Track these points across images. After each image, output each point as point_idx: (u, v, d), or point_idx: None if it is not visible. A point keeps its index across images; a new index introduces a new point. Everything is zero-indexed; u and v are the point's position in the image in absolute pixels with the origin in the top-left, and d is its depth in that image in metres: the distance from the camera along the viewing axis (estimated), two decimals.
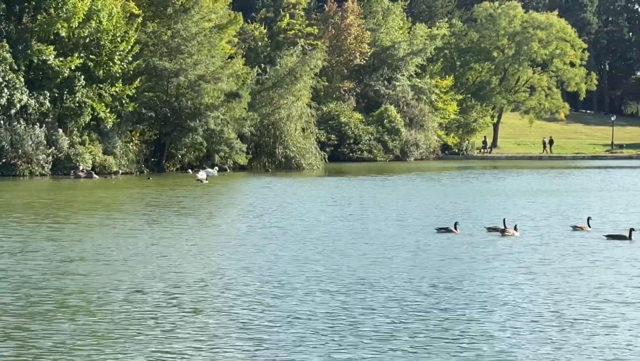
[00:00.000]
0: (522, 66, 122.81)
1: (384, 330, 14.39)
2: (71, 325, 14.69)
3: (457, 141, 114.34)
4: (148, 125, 69.35)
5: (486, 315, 15.58)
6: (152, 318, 15.21)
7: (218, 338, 13.92)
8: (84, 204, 39.52)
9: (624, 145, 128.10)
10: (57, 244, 24.72)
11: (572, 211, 35.76)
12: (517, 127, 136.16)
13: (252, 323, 14.90)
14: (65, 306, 16.21)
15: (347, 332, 14.21)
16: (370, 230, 28.66)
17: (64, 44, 61.49)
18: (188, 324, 14.83)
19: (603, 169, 79.80)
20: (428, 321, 15.01)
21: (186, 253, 23.33)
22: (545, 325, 14.87)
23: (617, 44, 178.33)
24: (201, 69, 68.43)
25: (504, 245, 25.21)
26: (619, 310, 16.09)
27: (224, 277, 19.52)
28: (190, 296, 17.25)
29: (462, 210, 36.26)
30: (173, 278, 19.26)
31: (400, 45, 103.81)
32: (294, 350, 13.14)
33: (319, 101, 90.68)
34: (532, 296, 17.32)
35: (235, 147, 70.61)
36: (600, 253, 23.77)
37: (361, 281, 18.91)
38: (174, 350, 13.12)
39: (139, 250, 23.66)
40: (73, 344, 13.48)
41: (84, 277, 19.46)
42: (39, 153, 59.21)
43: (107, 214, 34.02)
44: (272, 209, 36.46)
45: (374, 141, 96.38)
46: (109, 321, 15.00)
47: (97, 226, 29.84)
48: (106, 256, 22.55)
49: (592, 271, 20.60)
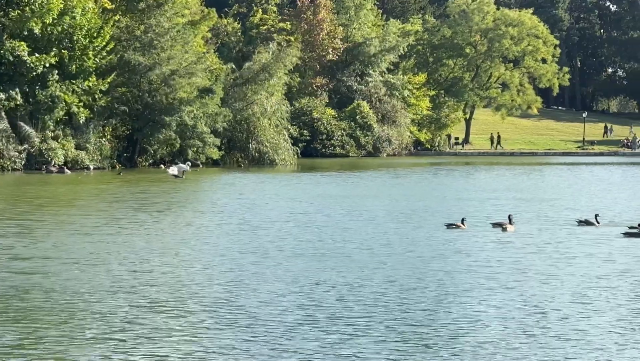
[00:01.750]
0: (494, 63, 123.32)
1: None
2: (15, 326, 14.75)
3: (430, 136, 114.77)
4: (121, 120, 69.31)
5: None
6: (101, 317, 15.31)
7: (176, 336, 14.09)
8: (38, 199, 38.97)
9: (595, 141, 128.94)
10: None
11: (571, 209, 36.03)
12: (489, 124, 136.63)
13: (205, 321, 15.08)
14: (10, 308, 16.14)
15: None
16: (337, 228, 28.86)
17: (37, 39, 61.33)
18: (139, 321, 14.98)
19: (589, 165, 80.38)
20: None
21: (140, 250, 23.18)
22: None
23: (588, 40, 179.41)
24: (174, 64, 68.43)
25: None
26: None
27: (176, 275, 19.63)
28: (143, 295, 17.25)
29: (429, 207, 36.52)
30: (124, 277, 19.23)
31: (372, 42, 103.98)
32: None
33: (291, 97, 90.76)
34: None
35: (208, 142, 70.67)
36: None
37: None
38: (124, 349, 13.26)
39: (84, 248, 23.55)
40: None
41: (29, 276, 19.37)
42: (10, 148, 59.06)
43: (57, 210, 33.73)
44: (235, 206, 36.44)
45: (346, 136, 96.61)
46: (54, 322, 15.05)
47: (39, 222, 29.67)
48: (53, 254, 22.42)
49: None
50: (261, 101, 76.69)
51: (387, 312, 15.81)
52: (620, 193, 46.12)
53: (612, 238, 26.47)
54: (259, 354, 13.06)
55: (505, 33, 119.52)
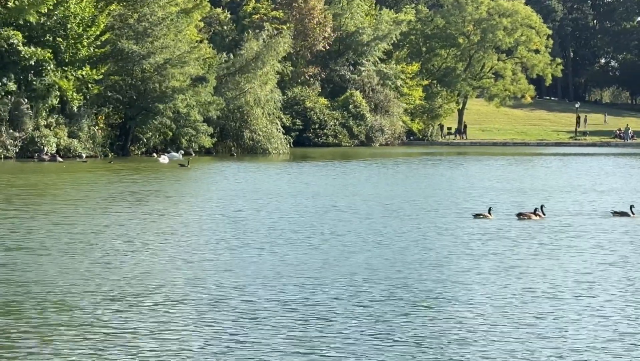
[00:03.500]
0: (487, 53, 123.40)
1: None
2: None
3: (422, 126, 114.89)
4: (114, 108, 69.39)
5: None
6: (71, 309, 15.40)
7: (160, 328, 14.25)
8: (15, 188, 38.76)
9: (587, 132, 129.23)
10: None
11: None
12: (482, 114, 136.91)
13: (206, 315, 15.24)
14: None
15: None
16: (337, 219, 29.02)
17: (32, 28, 61.35)
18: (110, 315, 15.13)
19: (588, 157, 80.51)
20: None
21: (115, 240, 23.11)
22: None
23: (581, 31, 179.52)
24: (168, 52, 68.45)
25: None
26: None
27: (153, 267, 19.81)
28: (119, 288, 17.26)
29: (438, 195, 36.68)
30: (100, 269, 19.21)
31: (365, 31, 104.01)
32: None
33: (284, 86, 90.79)
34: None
35: (201, 130, 70.77)
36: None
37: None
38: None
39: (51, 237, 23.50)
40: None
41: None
42: (2, 135, 59.10)
43: (34, 200, 33.53)
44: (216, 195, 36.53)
45: (339, 126, 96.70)
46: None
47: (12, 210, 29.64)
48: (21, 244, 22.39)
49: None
50: (254, 90, 76.78)
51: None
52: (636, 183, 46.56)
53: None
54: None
55: (498, 24, 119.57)
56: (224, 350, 12.79)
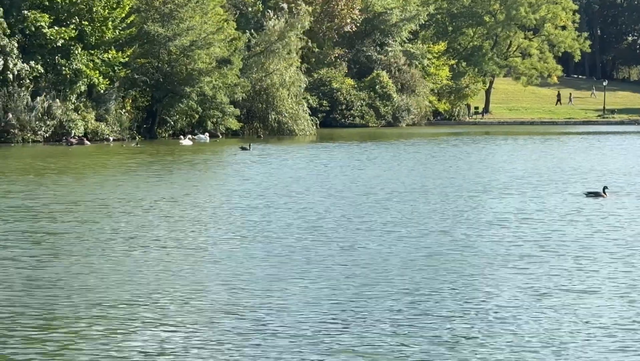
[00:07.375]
0: (513, 31, 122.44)
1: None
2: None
3: (449, 107, 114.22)
4: (140, 91, 69.26)
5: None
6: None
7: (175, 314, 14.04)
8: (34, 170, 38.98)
9: (615, 110, 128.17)
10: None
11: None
12: (509, 93, 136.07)
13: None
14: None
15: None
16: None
17: (58, 11, 61.28)
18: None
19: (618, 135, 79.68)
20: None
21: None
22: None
23: (608, 8, 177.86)
24: (193, 34, 68.20)
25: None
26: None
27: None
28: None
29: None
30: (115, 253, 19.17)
31: (393, 12, 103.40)
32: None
33: (310, 68, 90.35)
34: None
35: (227, 112, 70.58)
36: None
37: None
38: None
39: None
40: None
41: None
42: (32, 120, 59.12)
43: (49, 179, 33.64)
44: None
45: (365, 106, 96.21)
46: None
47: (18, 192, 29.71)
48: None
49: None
50: (280, 71, 76.43)
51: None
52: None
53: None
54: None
55: (523, 0, 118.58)
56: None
